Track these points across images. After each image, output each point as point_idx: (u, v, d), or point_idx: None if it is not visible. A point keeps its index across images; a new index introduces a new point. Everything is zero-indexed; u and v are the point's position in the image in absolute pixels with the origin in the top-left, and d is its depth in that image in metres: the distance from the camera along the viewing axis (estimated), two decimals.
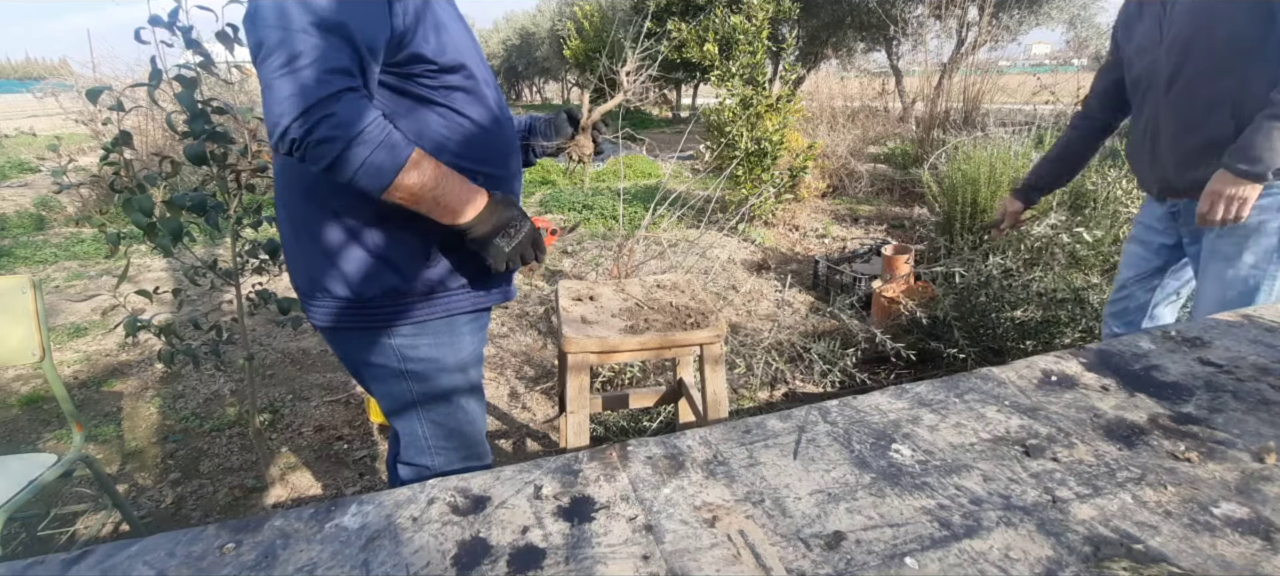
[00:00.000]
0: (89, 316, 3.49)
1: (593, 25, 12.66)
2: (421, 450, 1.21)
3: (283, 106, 0.85)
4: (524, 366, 2.84)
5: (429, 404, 1.17)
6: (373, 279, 1.05)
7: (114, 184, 1.73)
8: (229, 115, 1.80)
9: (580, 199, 5.96)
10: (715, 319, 1.49)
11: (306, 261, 1.08)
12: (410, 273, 1.06)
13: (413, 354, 1.11)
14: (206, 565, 0.71)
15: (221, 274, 1.91)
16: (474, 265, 1.12)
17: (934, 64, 9.11)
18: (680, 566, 0.70)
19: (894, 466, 0.86)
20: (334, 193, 1.01)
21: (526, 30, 19.21)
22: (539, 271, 1.19)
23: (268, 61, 0.86)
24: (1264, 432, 0.91)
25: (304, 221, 1.05)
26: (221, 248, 4.39)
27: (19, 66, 32.65)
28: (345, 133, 0.87)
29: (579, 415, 1.45)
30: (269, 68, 0.86)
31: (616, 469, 0.88)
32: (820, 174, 6.07)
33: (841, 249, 4.53)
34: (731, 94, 4.91)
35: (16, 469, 1.46)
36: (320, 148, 0.87)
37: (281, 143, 0.87)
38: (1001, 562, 0.69)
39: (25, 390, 2.70)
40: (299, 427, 2.41)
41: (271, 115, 0.86)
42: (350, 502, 0.82)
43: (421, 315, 1.09)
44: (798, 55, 11.05)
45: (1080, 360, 1.15)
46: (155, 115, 5.04)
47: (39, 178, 7.29)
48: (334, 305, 1.07)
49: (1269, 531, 0.73)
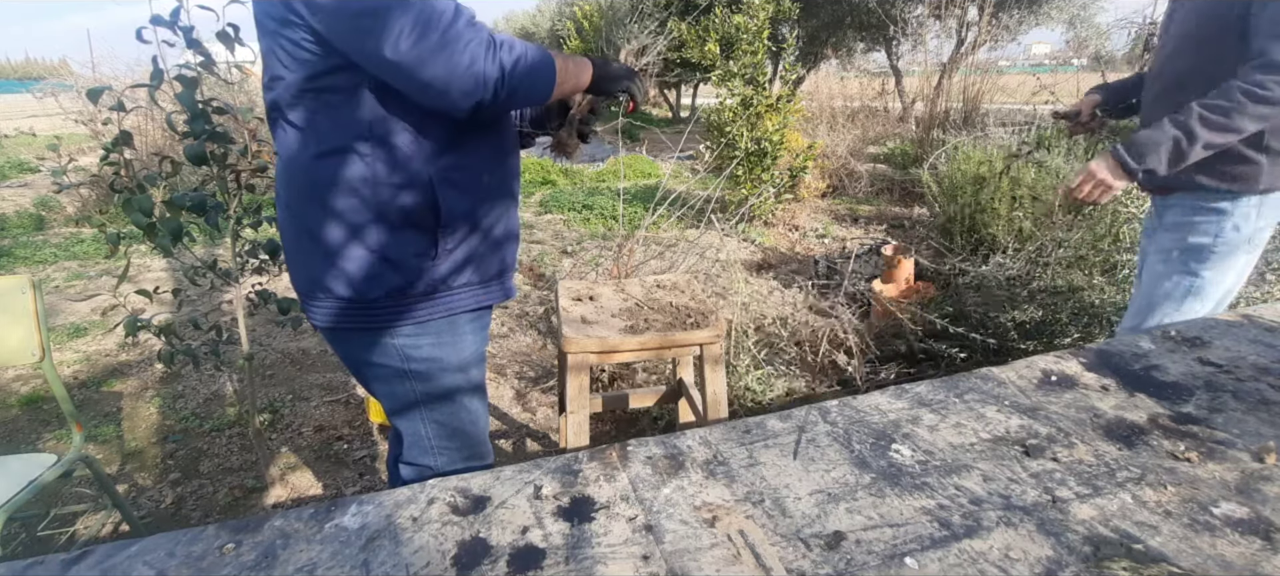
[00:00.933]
0: (89, 316, 3.49)
1: (593, 25, 12.66)
2: (424, 450, 1.21)
3: (471, 57, 0.88)
4: (524, 366, 2.84)
5: (432, 403, 1.17)
6: (375, 279, 1.05)
7: (114, 184, 1.73)
8: (229, 115, 1.80)
9: (580, 199, 5.96)
10: (715, 319, 1.49)
11: (308, 261, 1.07)
12: (412, 272, 1.06)
13: (415, 353, 1.11)
14: (206, 565, 0.71)
15: (221, 274, 1.91)
16: (474, 264, 1.12)
17: (934, 64, 9.11)
18: (680, 566, 0.70)
19: (894, 466, 0.86)
20: (337, 192, 1.01)
21: (526, 30, 19.21)
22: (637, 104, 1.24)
23: (416, 31, 0.87)
24: (1264, 432, 0.91)
25: (306, 221, 1.05)
26: (221, 248, 4.39)
27: (19, 66, 32.65)
28: (519, 50, 0.94)
29: (579, 415, 1.45)
30: (425, 36, 0.87)
31: (616, 469, 0.88)
32: (820, 174, 6.07)
33: (841, 249, 4.53)
34: (732, 94, 4.91)
35: (16, 469, 1.46)
36: (516, 75, 0.93)
37: (485, 91, 0.91)
38: (1001, 562, 0.69)
39: (25, 390, 2.70)
40: (299, 427, 2.41)
41: (466, 74, 0.89)
42: (350, 502, 0.82)
43: (423, 314, 1.09)
44: (798, 55, 11.05)
45: (1080, 360, 1.15)
46: (155, 115, 5.04)
47: (39, 178, 7.29)
48: (335, 305, 1.07)
49: (1269, 531, 0.73)
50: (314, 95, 0.98)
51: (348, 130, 0.98)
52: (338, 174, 1.00)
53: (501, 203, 1.15)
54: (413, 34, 0.86)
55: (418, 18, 0.86)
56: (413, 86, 0.91)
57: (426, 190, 1.02)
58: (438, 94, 0.90)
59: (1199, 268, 1.55)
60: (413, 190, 1.01)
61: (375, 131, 0.98)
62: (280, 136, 1.05)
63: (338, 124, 0.98)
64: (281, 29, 0.94)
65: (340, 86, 0.97)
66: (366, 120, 0.98)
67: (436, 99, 0.91)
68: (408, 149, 1.00)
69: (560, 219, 5.52)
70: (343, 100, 0.97)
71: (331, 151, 0.99)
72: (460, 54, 0.88)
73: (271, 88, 1.02)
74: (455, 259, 1.09)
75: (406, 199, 1.01)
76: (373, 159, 0.99)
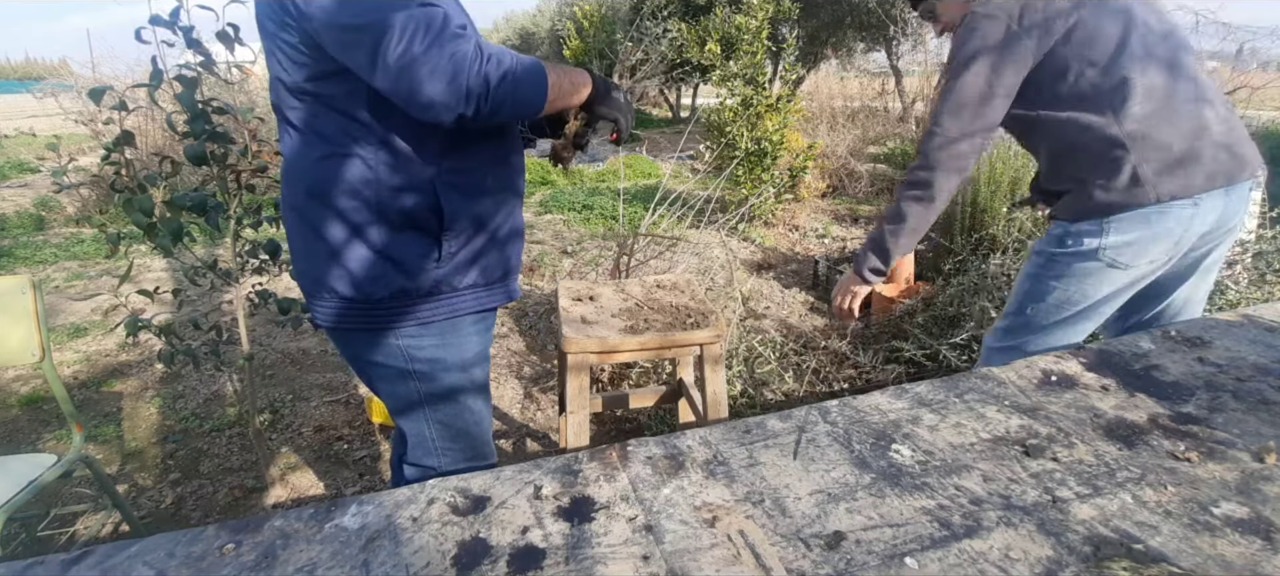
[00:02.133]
0: (89, 316, 3.49)
1: (593, 25, 12.66)
2: (428, 451, 1.21)
3: (454, 71, 0.87)
4: (524, 366, 2.84)
5: (435, 404, 1.17)
6: (379, 279, 1.05)
7: (115, 184, 1.73)
8: (229, 115, 1.80)
9: (580, 199, 5.96)
10: (715, 319, 1.49)
11: (313, 261, 1.08)
12: (416, 273, 1.06)
13: (418, 354, 1.11)
14: (206, 565, 0.71)
15: (221, 274, 1.91)
16: (479, 265, 1.12)
17: (934, 64, 9.10)
18: (680, 566, 0.70)
19: (894, 466, 0.86)
20: (340, 193, 1.01)
21: (526, 30, 19.19)
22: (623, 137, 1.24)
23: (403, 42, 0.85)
24: (1264, 432, 0.91)
25: (311, 221, 1.05)
26: (221, 248, 4.39)
27: (19, 67, 32.65)
28: (507, 65, 0.92)
29: (579, 415, 1.45)
30: (409, 48, 0.86)
31: (616, 469, 0.88)
32: (820, 174, 6.07)
33: (841, 249, 4.54)
34: (732, 94, 4.91)
35: (16, 469, 1.46)
36: (501, 91, 0.91)
37: (468, 105, 0.89)
38: (1001, 562, 0.69)
39: (25, 390, 2.70)
40: (299, 427, 2.41)
41: (449, 88, 0.87)
42: (350, 503, 0.82)
43: (427, 315, 1.09)
44: (798, 55, 11.05)
45: (1080, 360, 1.15)
46: (155, 115, 5.04)
47: (39, 178, 7.28)
48: (339, 305, 1.07)
49: (1269, 531, 0.73)
50: (314, 98, 0.99)
51: (348, 132, 0.99)
52: (340, 175, 1.00)
53: (505, 204, 1.14)
54: (398, 47, 0.85)
55: (403, 31, 0.85)
56: (398, 98, 0.90)
57: (428, 192, 1.02)
58: (422, 107, 0.89)
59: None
60: (415, 192, 1.01)
61: (376, 133, 0.98)
62: (284, 137, 1.06)
63: (338, 126, 0.99)
64: (279, 32, 0.95)
65: (339, 89, 0.97)
66: (367, 122, 0.98)
67: (421, 112, 0.90)
68: (409, 151, 1.00)
69: (560, 219, 5.52)
70: (343, 102, 0.97)
71: (333, 154, 0.99)
72: (444, 68, 0.87)
73: (274, 89, 1.03)
74: (459, 260, 1.09)
75: (409, 200, 1.01)
76: (375, 161, 0.99)
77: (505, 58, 0.93)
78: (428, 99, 0.88)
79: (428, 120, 0.92)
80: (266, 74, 1.08)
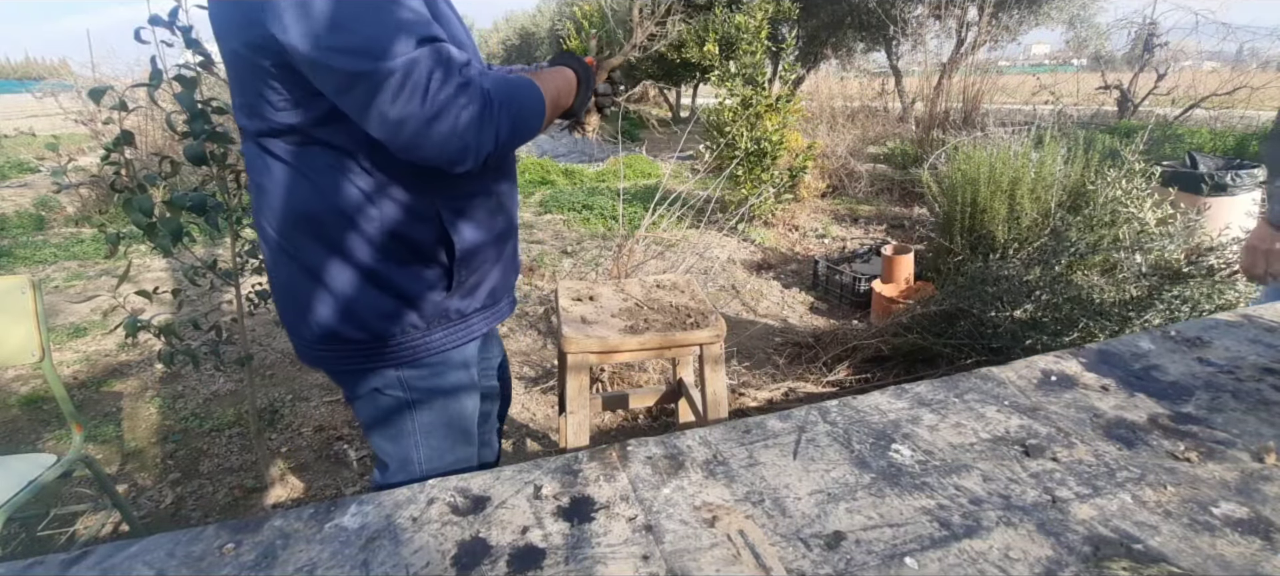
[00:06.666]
0: (89, 316, 3.49)
1: (593, 25, 12.67)
2: (411, 476, 1.12)
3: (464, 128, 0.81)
4: (524, 366, 2.84)
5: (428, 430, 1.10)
6: (391, 317, 0.97)
7: (114, 184, 1.73)
8: (229, 115, 1.80)
9: (580, 199, 5.96)
10: (715, 319, 1.49)
11: (309, 304, 0.98)
12: (427, 305, 1.00)
13: (418, 383, 1.05)
14: (206, 565, 0.71)
15: (221, 274, 1.91)
16: (487, 287, 1.07)
17: (934, 64, 9.11)
18: (680, 566, 0.70)
19: (894, 466, 0.86)
20: (340, 229, 0.93)
21: (526, 30, 19.21)
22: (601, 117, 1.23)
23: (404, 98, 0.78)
24: (1264, 432, 0.91)
25: (304, 260, 0.96)
26: (221, 248, 4.39)
27: (18, 67, 32.59)
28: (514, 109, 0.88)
29: (579, 415, 1.45)
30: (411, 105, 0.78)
31: (616, 469, 0.88)
32: (820, 174, 6.07)
33: (841, 249, 4.54)
34: (732, 94, 4.91)
35: (16, 469, 1.46)
36: (510, 141, 0.88)
37: (477, 163, 0.85)
38: (1001, 562, 0.69)
39: (25, 390, 2.70)
40: (299, 427, 2.41)
41: (459, 151, 0.82)
42: (350, 502, 0.82)
43: (438, 343, 1.03)
44: (797, 55, 11.05)
45: (1080, 360, 1.15)
46: (155, 115, 5.04)
47: (39, 178, 7.29)
48: (343, 347, 1.00)
49: (1269, 531, 0.73)
50: (304, 134, 0.90)
51: (343, 167, 0.91)
52: (339, 210, 0.91)
53: (506, 219, 1.10)
54: (397, 105, 0.78)
55: (404, 82, 0.77)
56: (395, 152, 0.83)
57: (434, 223, 0.96)
58: (422, 163, 0.84)
59: None
60: (422, 223, 0.95)
61: (375, 162, 0.91)
62: (261, 165, 0.94)
63: (332, 160, 0.90)
64: (256, 57, 0.85)
65: (338, 130, 0.89)
66: (365, 151, 0.90)
67: (424, 165, 0.85)
68: (411, 181, 0.93)
69: (560, 219, 5.52)
70: (342, 140, 0.89)
71: (327, 186, 0.91)
72: (450, 139, 0.80)
73: (248, 116, 0.92)
74: (468, 286, 1.04)
75: (414, 233, 0.95)
76: (377, 194, 0.92)
77: (511, 100, 0.87)
78: (431, 160, 0.82)
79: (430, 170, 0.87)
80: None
